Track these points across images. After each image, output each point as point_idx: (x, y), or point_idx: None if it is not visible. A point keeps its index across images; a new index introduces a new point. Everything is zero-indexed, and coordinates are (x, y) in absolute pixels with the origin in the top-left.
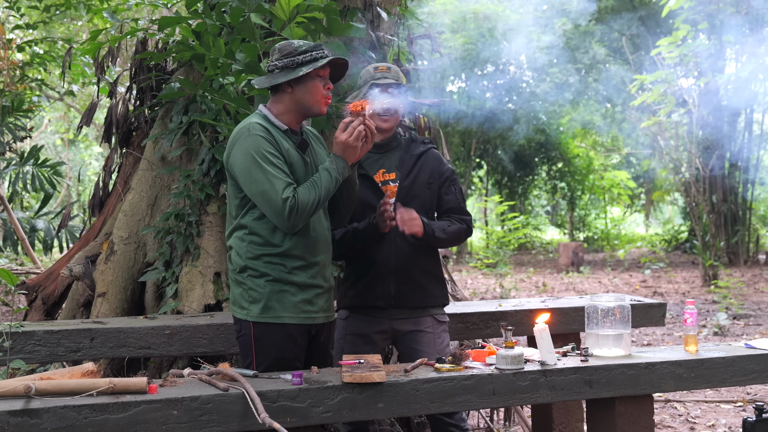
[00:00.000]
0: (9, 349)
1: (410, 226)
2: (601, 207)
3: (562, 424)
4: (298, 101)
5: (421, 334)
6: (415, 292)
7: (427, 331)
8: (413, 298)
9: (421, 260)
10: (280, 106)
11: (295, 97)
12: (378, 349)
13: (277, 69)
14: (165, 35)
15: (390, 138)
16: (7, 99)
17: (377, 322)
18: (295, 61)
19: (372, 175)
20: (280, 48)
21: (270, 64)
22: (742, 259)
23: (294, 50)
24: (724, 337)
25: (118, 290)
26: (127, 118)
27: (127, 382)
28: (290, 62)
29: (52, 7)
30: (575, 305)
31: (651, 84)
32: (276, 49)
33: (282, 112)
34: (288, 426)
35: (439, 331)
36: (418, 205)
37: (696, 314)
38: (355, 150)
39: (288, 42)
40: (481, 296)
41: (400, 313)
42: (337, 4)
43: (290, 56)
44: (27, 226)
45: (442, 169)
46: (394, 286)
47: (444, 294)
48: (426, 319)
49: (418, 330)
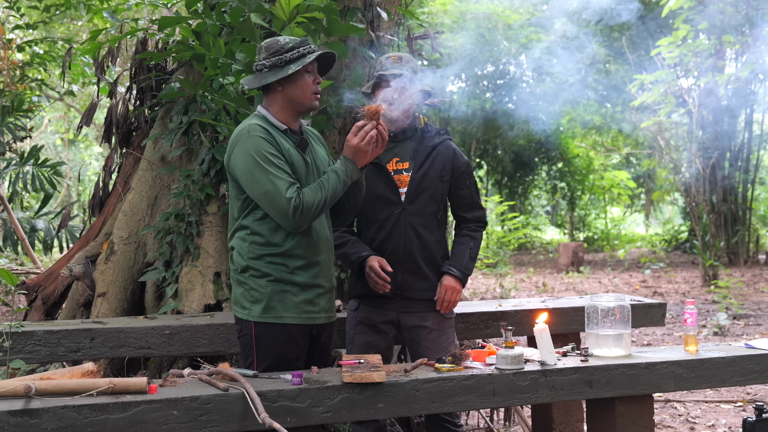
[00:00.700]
0: (9, 349)
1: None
2: (601, 207)
3: (562, 424)
4: (290, 98)
5: (426, 331)
6: (421, 282)
7: (433, 327)
8: (419, 289)
9: (429, 251)
10: (275, 105)
11: (286, 94)
12: (387, 338)
13: (266, 68)
14: (165, 35)
15: (406, 127)
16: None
17: (384, 313)
18: (283, 59)
19: (385, 164)
20: (266, 47)
21: (258, 64)
22: (742, 259)
23: (281, 48)
24: (724, 337)
25: (118, 290)
26: (127, 118)
27: (127, 382)
28: (278, 60)
29: (52, 7)
30: (575, 305)
31: (651, 84)
32: (263, 48)
33: (278, 110)
34: (288, 426)
35: (444, 328)
36: (428, 197)
37: (696, 314)
38: (365, 154)
39: (274, 40)
40: (481, 296)
41: (406, 304)
42: (337, 4)
43: (277, 54)
44: (27, 226)
45: (457, 162)
46: (401, 275)
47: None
48: (432, 314)
49: (423, 326)
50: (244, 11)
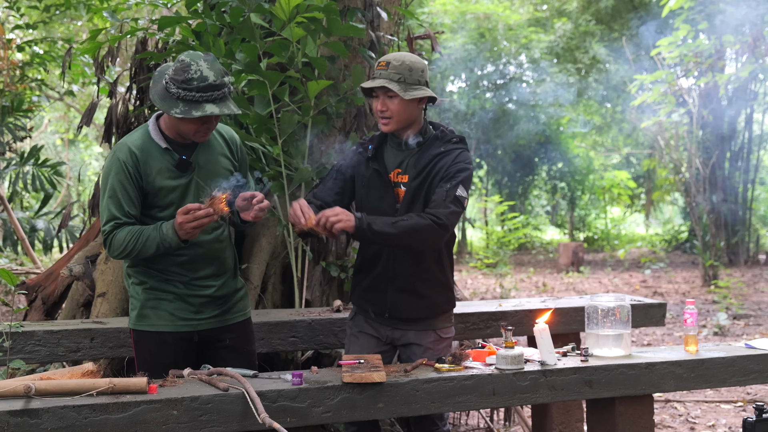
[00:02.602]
0: (9, 349)
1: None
2: (601, 207)
3: (562, 424)
4: (176, 125)
5: (421, 349)
6: (413, 301)
7: (428, 347)
8: (411, 308)
9: (423, 268)
10: (167, 120)
11: (172, 120)
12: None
13: (169, 90)
14: (165, 35)
15: (413, 137)
16: (7, 99)
17: (378, 327)
18: (177, 93)
19: (389, 172)
20: (176, 69)
21: (168, 80)
22: (742, 259)
23: (182, 81)
24: (724, 337)
25: (118, 290)
26: (127, 118)
27: (127, 382)
28: (174, 92)
29: (52, 7)
30: (575, 305)
31: (651, 84)
32: (174, 67)
33: (169, 126)
34: (288, 426)
35: (440, 348)
36: (421, 209)
37: (696, 314)
38: (191, 235)
39: (186, 66)
40: (481, 296)
41: (398, 323)
42: (337, 4)
43: (176, 85)
44: (27, 226)
45: (450, 168)
46: (390, 295)
47: (449, 299)
48: (428, 333)
49: (418, 344)
50: (244, 11)
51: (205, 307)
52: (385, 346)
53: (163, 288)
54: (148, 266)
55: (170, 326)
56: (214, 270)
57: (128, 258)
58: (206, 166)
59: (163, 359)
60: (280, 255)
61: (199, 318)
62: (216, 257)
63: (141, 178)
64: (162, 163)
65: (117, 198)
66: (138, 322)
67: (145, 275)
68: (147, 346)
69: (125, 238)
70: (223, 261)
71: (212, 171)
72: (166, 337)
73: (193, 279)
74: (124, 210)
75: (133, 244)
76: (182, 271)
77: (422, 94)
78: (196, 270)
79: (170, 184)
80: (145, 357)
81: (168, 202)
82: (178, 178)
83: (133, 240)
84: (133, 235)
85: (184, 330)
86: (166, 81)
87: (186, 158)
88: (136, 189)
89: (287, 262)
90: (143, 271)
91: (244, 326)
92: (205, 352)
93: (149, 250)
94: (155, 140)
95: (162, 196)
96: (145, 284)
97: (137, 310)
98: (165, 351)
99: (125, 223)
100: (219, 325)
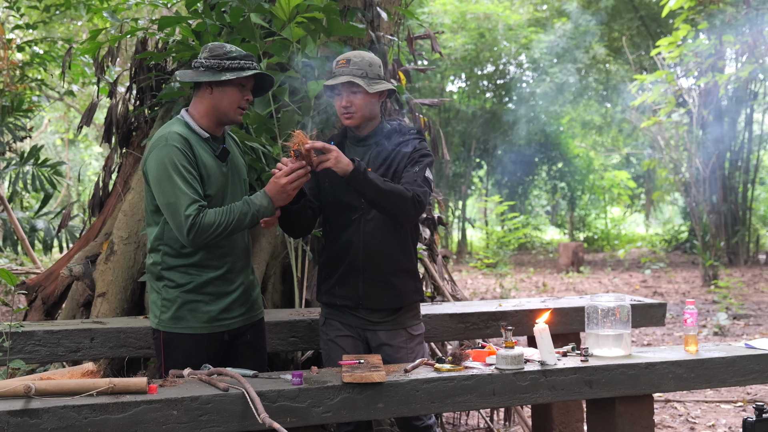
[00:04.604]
0: (9, 349)
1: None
2: (601, 207)
3: (562, 424)
4: (215, 105)
5: (393, 350)
6: (384, 292)
7: (400, 346)
8: (383, 299)
9: (392, 257)
10: (200, 108)
11: (213, 99)
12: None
13: (203, 68)
14: (165, 35)
15: (373, 132)
16: (7, 99)
17: (350, 329)
18: (221, 65)
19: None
20: (211, 48)
21: (197, 61)
22: (742, 259)
23: (223, 54)
24: (724, 337)
25: (118, 290)
26: (127, 118)
27: (127, 382)
28: (216, 64)
29: (52, 7)
30: (575, 305)
31: (651, 84)
32: (207, 48)
33: (202, 115)
34: (288, 426)
35: (413, 346)
36: None
37: (696, 314)
38: (288, 197)
39: (220, 44)
40: (481, 296)
41: (370, 314)
42: (337, 4)
43: (218, 58)
44: (27, 226)
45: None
46: (363, 285)
47: (416, 289)
48: (399, 332)
49: (390, 344)
50: (244, 11)
51: (235, 305)
52: (363, 344)
53: (200, 290)
54: (187, 264)
55: (207, 328)
56: (242, 262)
57: (213, 240)
58: (233, 159)
59: (196, 360)
60: (280, 255)
61: (231, 317)
62: (245, 246)
63: (197, 165)
64: (205, 152)
65: (189, 182)
66: (173, 324)
67: (183, 277)
68: (180, 347)
69: (216, 219)
70: (248, 252)
71: (237, 165)
72: (200, 339)
73: (226, 273)
74: (199, 193)
75: (226, 222)
76: (219, 263)
77: (385, 87)
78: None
79: (215, 171)
80: (177, 358)
81: (213, 191)
82: (220, 167)
83: (225, 219)
84: (223, 215)
85: (219, 330)
86: (202, 61)
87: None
88: (197, 174)
89: (287, 262)
90: (183, 271)
91: (261, 324)
92: (229, 351)
93: (242, 224)
94: (196, 130)
95: (209, 184)
96: (182, 287)
97: (171, 311)
98: (198, 353)
99: (204, 206)
100: (246, 323)
